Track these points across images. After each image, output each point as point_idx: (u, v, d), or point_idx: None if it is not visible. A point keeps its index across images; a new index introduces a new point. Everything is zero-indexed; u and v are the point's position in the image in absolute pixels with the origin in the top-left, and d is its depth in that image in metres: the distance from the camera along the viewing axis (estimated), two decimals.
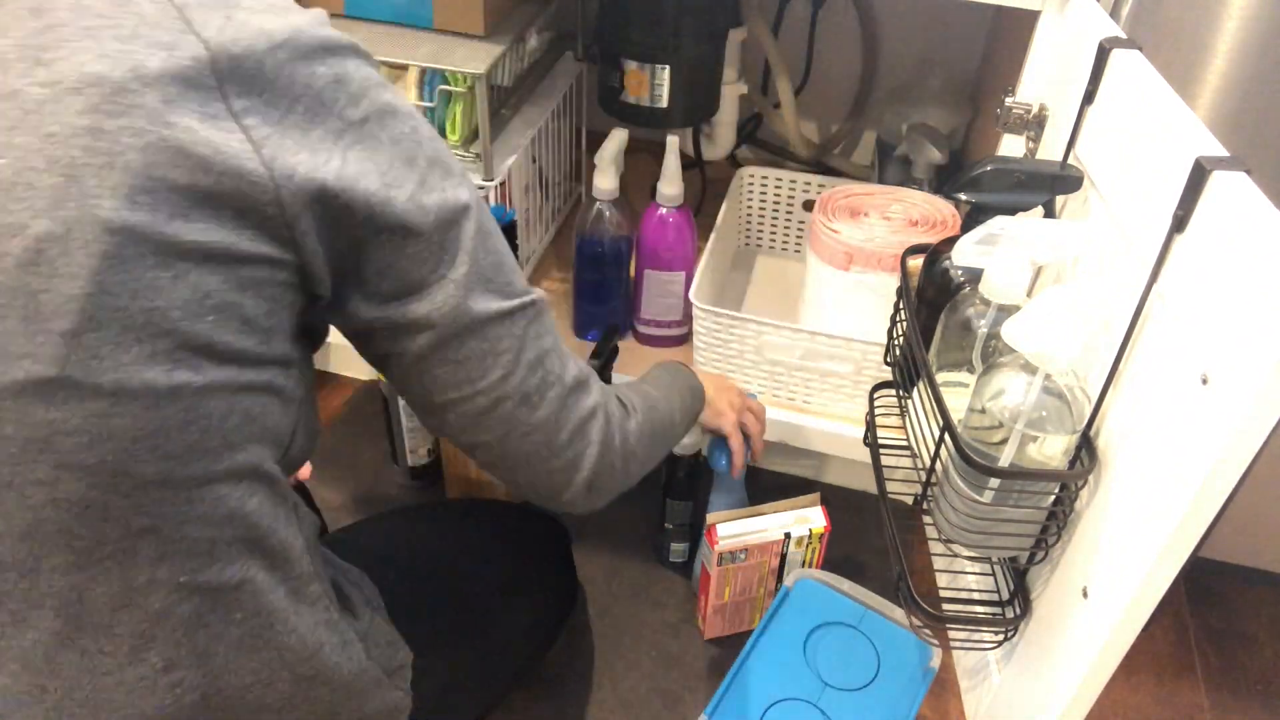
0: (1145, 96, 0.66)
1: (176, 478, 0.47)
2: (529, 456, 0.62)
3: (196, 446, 0.47)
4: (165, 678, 0.52)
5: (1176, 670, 1.05)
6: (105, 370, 0.43)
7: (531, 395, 0.60)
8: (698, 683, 0.99)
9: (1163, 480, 0.59)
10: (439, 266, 0.53)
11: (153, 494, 0.47)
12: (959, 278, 0.79)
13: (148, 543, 0.48)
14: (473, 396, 0.58)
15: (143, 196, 0.42)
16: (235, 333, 0.47)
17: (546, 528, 0.96)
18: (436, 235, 0.53)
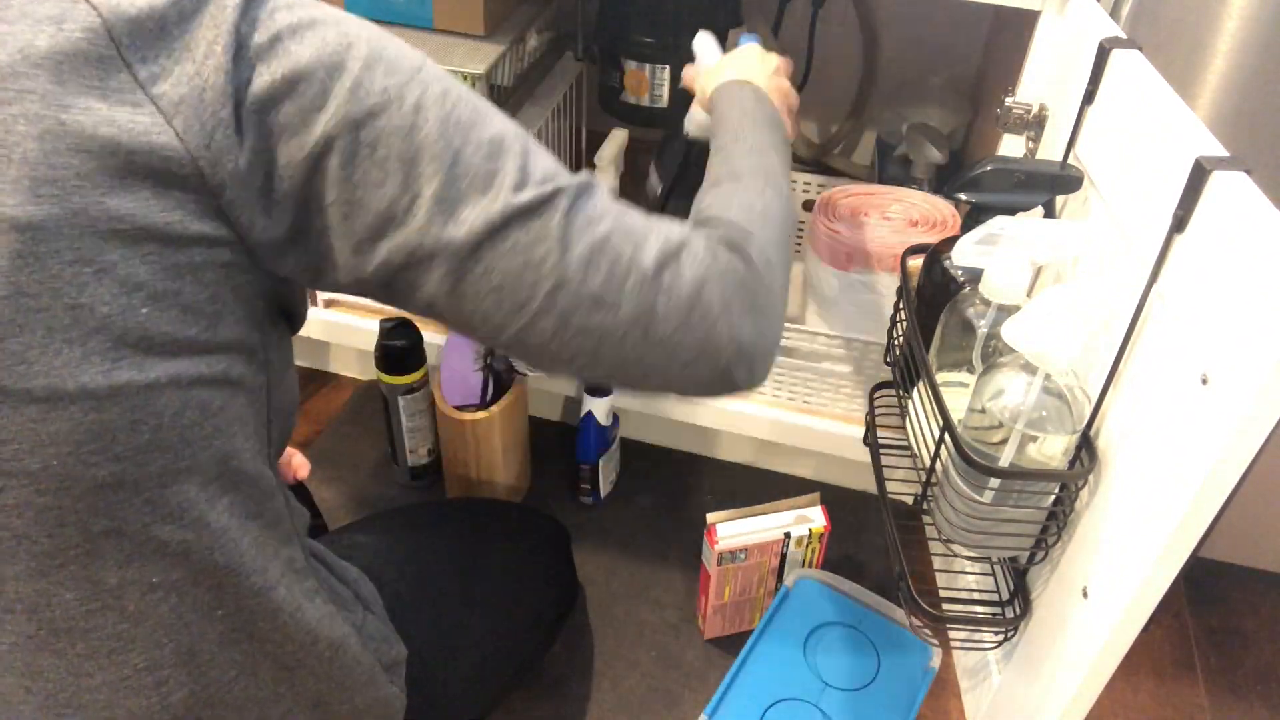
0: (1145, 96, 0.66)
1: (132, 479, 0.45)
2: (641, 361, 0.52)
3: (150, 446, 0.45)
4: (149, 677, 0.51)
5: (1176, 670, 1.05)
6: (35, 375, 0.41)
7: (603, 297, 0.49)
8: (698, 683, 0.99)
9: (1163, 480, 0.59)
10: (404, 181, 0.46)
11: (108, 496, 0.45)
12: (959, 278, 0.79)
13: (112, 545, 0.46)
14: (534, 321, 0.49)
15: (46, 188, 0.39)
16: (175, 322, 0.44)
17: (546, 527, 0.97)
18: (384, 145, 0.45)
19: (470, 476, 1.09)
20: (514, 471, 1.13)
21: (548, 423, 1.28)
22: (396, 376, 1.08)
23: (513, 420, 1.08)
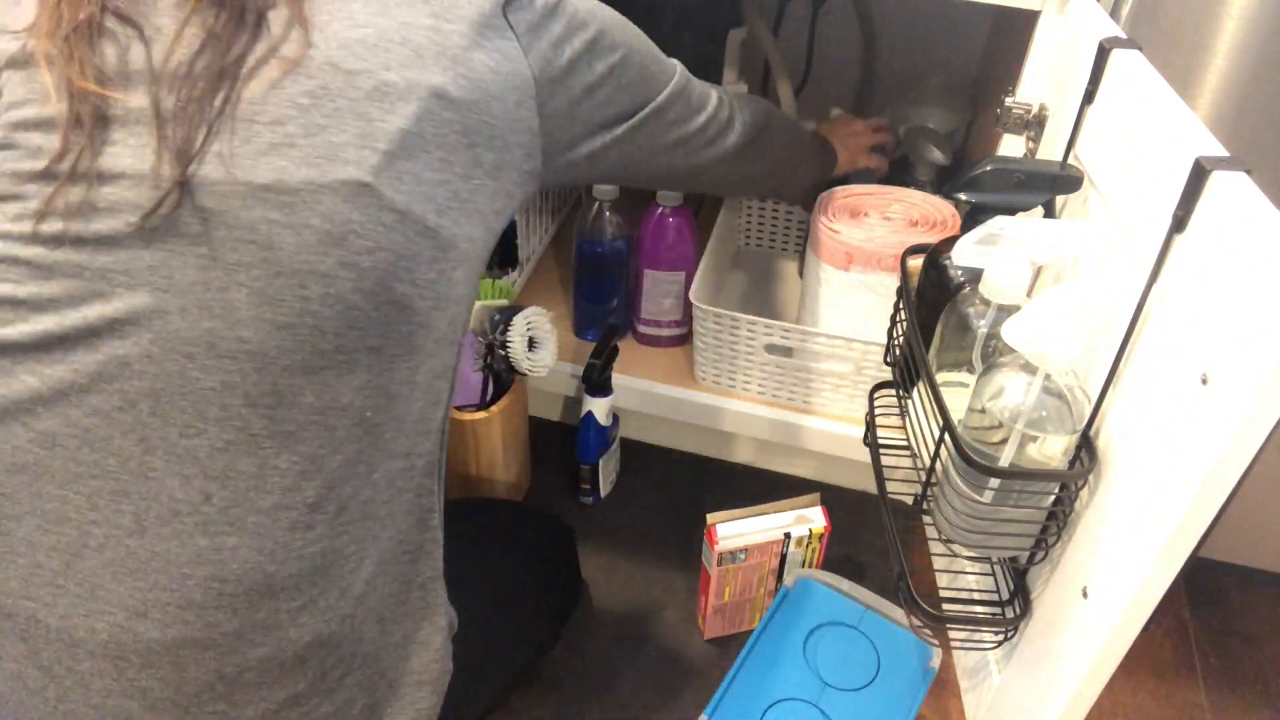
0: (1145, 96, 0.66)
1: (413, 307, 0.57)
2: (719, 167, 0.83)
3: (433, 284, 0.57)
4: (307, 516, 0.56)
5: (1176, 670, 1.05)
6: (400, 192, 0.54)
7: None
8: (698, 683, 0.99)
9: (1163, 480, 0.59)
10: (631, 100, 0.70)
11: (392, 315, 0.56)
12: (959, 278, 0.79)
13: (366, 363, 0.56)
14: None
15: (462, 80, 0.57)
16: (488, 199, 0.60)
17: (550, 527, 0.97)
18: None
19: (470, 476, 1.09)
20: (514, 471, 1.13)
21: (548, 423, 1.28)
22: None
23: (513, 420, 1.08)
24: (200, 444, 0.53)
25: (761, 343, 1.05)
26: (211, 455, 0.53)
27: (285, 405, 0.54)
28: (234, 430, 0.53)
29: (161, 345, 0.52)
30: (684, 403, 1.12)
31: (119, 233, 0.52)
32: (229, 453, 0.53)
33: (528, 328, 1.01)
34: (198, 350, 0.52)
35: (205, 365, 0.52)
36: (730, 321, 1.04)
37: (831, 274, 1.02)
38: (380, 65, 0.54)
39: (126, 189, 0.52)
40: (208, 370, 0.52)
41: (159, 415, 0.52)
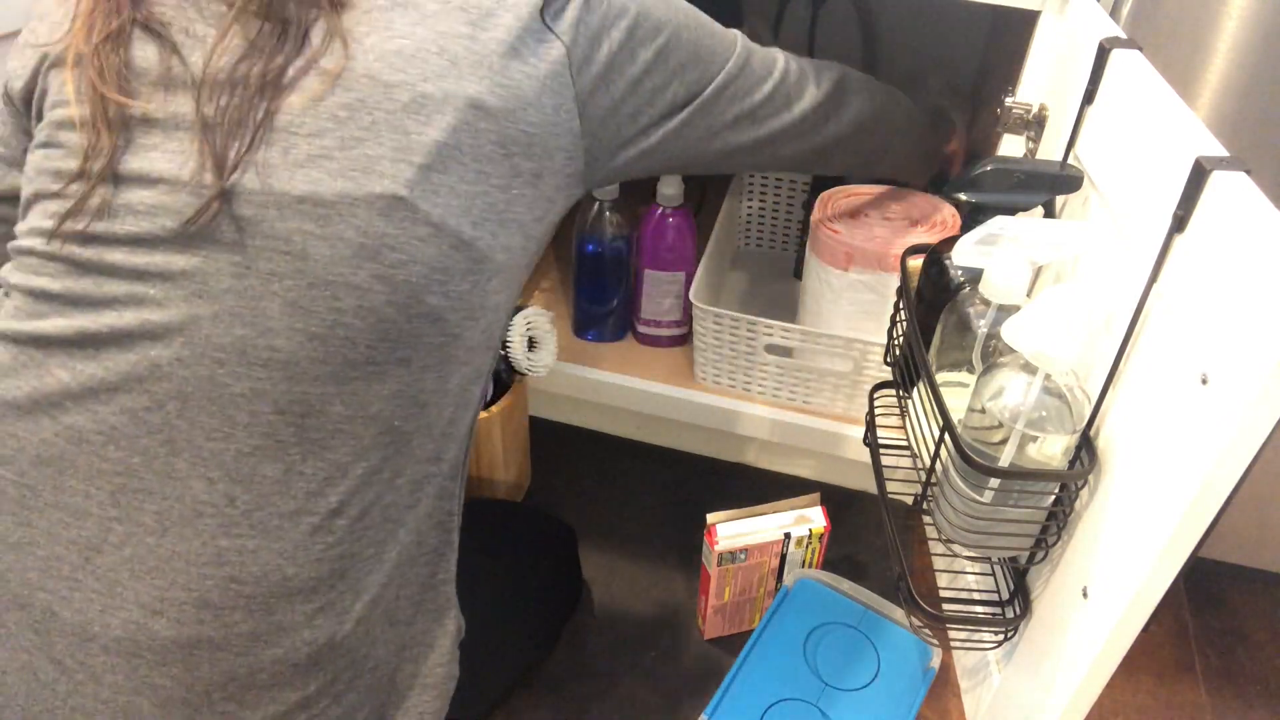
0: (1145, 96, 0.66)
1: (445, 319, 0.57)
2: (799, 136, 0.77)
3: (466, 296, 0.57)
4: (328, 521, 0.56)
5: (1176, 670, 1.05)
6: (436, 205, 0.55)
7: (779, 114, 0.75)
8: (698, 683, 0.99)
9: (1163, 480, 0.59)
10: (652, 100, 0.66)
11: (423, 326, 0.56)
12: (959, 278, 0.79)
13: (396, 373, 0.56)
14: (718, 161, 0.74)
15: (499, 89, 0.56)
16: (526, 209, 0.59)
17: (551, 527, 0.97)
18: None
19: (470, 476, 1.09)
20: (514, 471, 1.13)
21: (548, 423, 1.28)
22: None
23: (513, 420, 1.08)
24: (227, 448, 0.53)
25: (761, 343, 1.05)
26: (237, 459, 0.54)
27: (314, 414, 0.54)
28: (261, 436, 0.54)
29: (193, 349, 0.53)
30: (684, 403, 1.12)
31: (155, 236, 0.53)
32: (254, 457, 0.54)
33: (528, 328, 1.01)
34: (229, 356, 0.53)
35: (235, 372, 0.53)
36: (730, 321, 1.04)
37: (831, 274, 1.02)
38: (418, 76, 0.54)
39: (164, 193, 0.53)
40: (238, 377, 0.53)
41: (186, 418, 0.53)
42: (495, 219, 0.58)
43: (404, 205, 0.54)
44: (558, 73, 0.59)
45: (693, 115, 0.68)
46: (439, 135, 0.54)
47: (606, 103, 0.62)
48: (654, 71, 0.64)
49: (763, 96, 0.73)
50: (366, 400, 0.55)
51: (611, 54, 0.61)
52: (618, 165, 0.66)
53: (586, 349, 1.18)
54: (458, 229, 0.56)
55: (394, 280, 0.54)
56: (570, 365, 1.15)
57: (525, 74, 0.57)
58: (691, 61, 0.67)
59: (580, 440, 1.26)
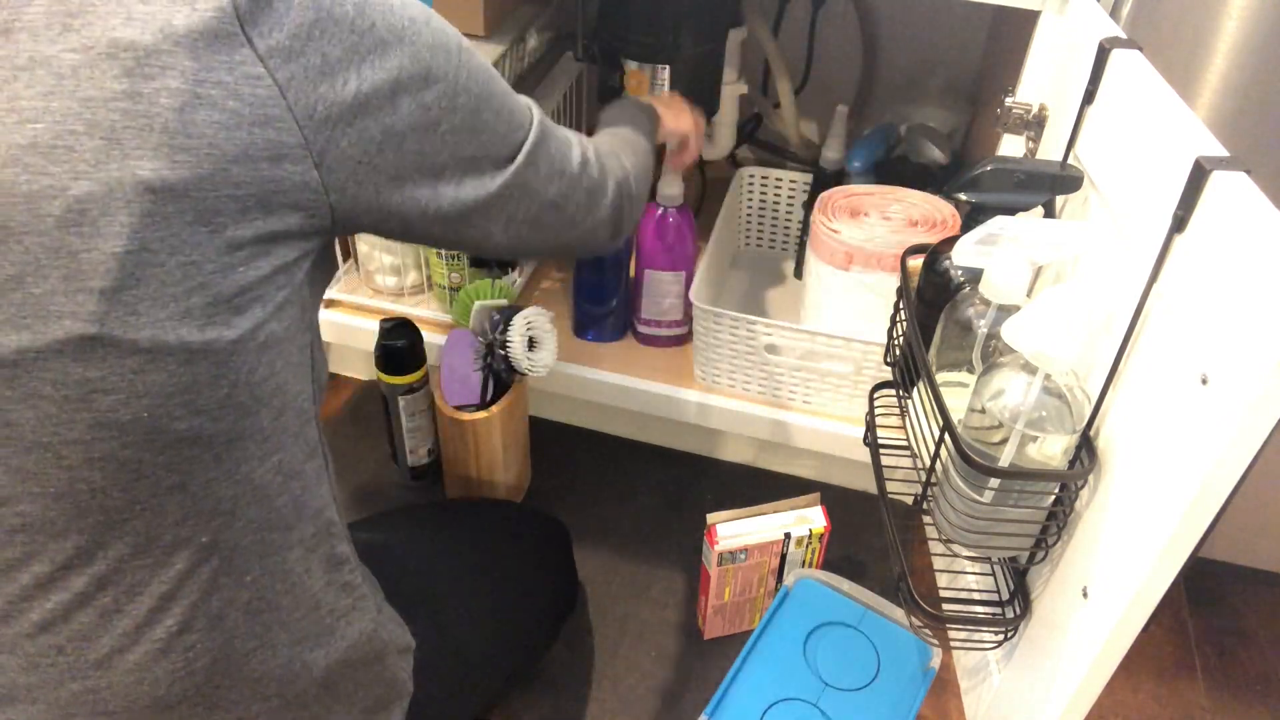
0: (1145, 96, 0.66)
1: (207, 435, 0.48)
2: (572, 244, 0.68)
3: (227, 401, 0.48)
4: (179, 640, 0.53)
5: (1176, 670, 1.05)
6: (143, 326, 0.44)
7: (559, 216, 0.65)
8: (698, 683, 0.99)
9: (1163, 480, 0.59)
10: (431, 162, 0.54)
11: (184, 451, 0.48)
12: (959, 278, 0.79)
13: (176, 501, 0.49)
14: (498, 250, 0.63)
15: (181, 155, 0.43)
16: (263, 284, 0.48)
17: (547, 527, 0.97)
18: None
19: (470, 476, 1.09)
20: (514, 471, 1.13)
21: (548, 423, 1.28)
22: (396, 376, 1.08)
23: (513, 420, 1.08)
24: (29, 607, 0.50)
25: (761, 343, 1.05)
26: (45, 616, 0.50)
27: (100, 560, 0.49)
28: (59, 592, 0.50)
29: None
30: (684, 403, 1.12)
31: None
32: (62, 609, 0.50)
33: (528, 328, 1.01)
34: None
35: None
36: (730, 321, 1.04)
37: (831, 274, 1.02)
38: (67, 175, 0.42)
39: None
40: (1, 544, 0.48)
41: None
42: (227, 309, 0.47)
43: (99, 342, 0.44)
44: (271, 117, 0.45)
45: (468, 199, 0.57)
46: (116, 245, 0.43)
47: (355, 152, 0.49)
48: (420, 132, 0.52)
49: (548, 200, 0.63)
50: (154, 534, 0.49)
51: (361, 94, 0.48)
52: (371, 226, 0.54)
53: (586, 349, 1.18)
54: (180, 341, 0.45)
55: (119, 423, 0.46)
56: (570, 365, 1.15)
57: (219, 124, 0.44)
58: (469, 133, 0.55)
59: (580, 440, 1.26)
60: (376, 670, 0.66)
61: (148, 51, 0.42)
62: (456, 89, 0.53)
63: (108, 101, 0.42)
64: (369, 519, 0.92)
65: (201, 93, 0.43)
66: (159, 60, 0.43)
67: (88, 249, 0.43)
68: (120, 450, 0.46)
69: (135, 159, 0.42)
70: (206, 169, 0.44)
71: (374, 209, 0.52)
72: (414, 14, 0.51)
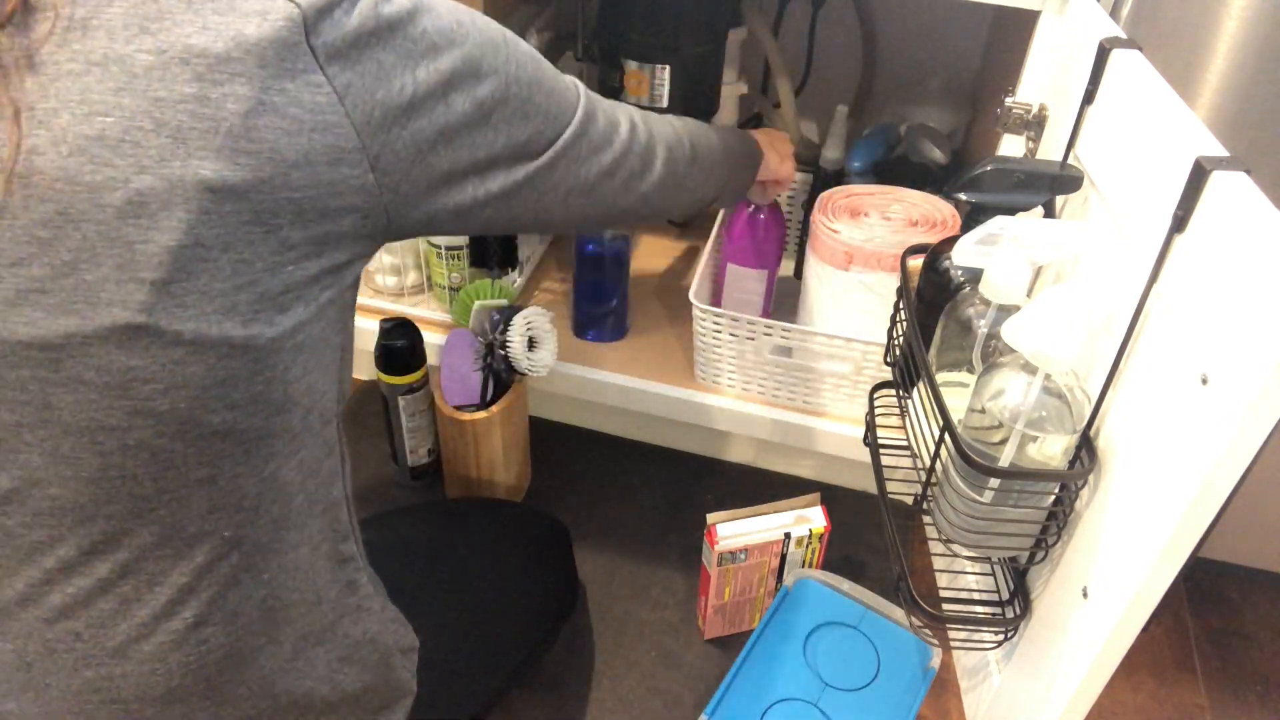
0: (1145, 96, 0.66)
1: (239, 429, 0.49)
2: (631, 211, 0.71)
3: (261, 397, 0.49)
4: (194, 634, 0.53)
5: (1176, 670, 1.05)
6: (188, 319, 0.46)
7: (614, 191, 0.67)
8: (698, 683, 0.99)
9: (1163, 480, 0.59)
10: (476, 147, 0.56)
11: (216, 444, 0.49)
12: (959, 278, 0.79)
13: (203, 493, 0.50)
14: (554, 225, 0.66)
15: (243, 158, 0.45)
16: (310, 285, 0.50)
17: (547, 527, 0.97)
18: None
19: (470, 476, 1.09)
20: (514, 471, 1.13)
21: (548, 423, 1.28)
22: (396, 376, 1.08)
23: (513, 420, 1.08)
24: (50, 591, 0.51)
25: (761, 343, 1.05)
26: (66, 600, 0.51)
27: (125, 548, 0.50)
28: (80, 576, 0.50)
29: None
30: (684, 403, 1.12)
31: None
32: (83, 595, 0.51)
33: (528, 328, 1.01)
34: (11, 508, 0.49)
35: (24, 521, 0.49)
36: (730, 321, 1.04)
37: (831, 274, 1.02)
38: (131, 168, 0.43)
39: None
40: (28, 526, 0.49)
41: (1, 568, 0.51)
42: (272, 307, 0.48)
43: (145, 332, 0.45)
44: (330, 122, 0.47)
45: (523, 184, 0.59)
46: (171, 239, 0.44)
47: (408, 153, 0.51)
48: (473, 124, 0.54)
49: (603, 168, 0.65)
50: (179, 525, 0.50)
51: (416, 96, 0.50)
52: (426, 221, 0.56)
53: (586, 349, 1.18)
54: (224, 336, 0.47)
55: (156, 412, 0.47)
56: (570, 365, 1.15)
57: (282, 130, 0.46)
58: (521, 118, 0.57)
59: (580, 440, 1.26)
60: (380, 671, 0.66)
61: (219, 58, 0.44)
62: (508, 80, 0.56)
63: (177, 103, 0.44)
64: (369, 519, 0.92)
65: (266, 100, 0.45)
66: (229, 67, 0.44)
67: (144, 240, 0.44)
68: (155, 439, 0.47)
69: (199, 159, 0.44)
70: (267, 172, 0.45)
71: (429, 204, 0.54)
72: (460, 16, 0.53)
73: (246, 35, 0.44)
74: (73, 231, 0.43)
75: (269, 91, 0.45)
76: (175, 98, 0.44)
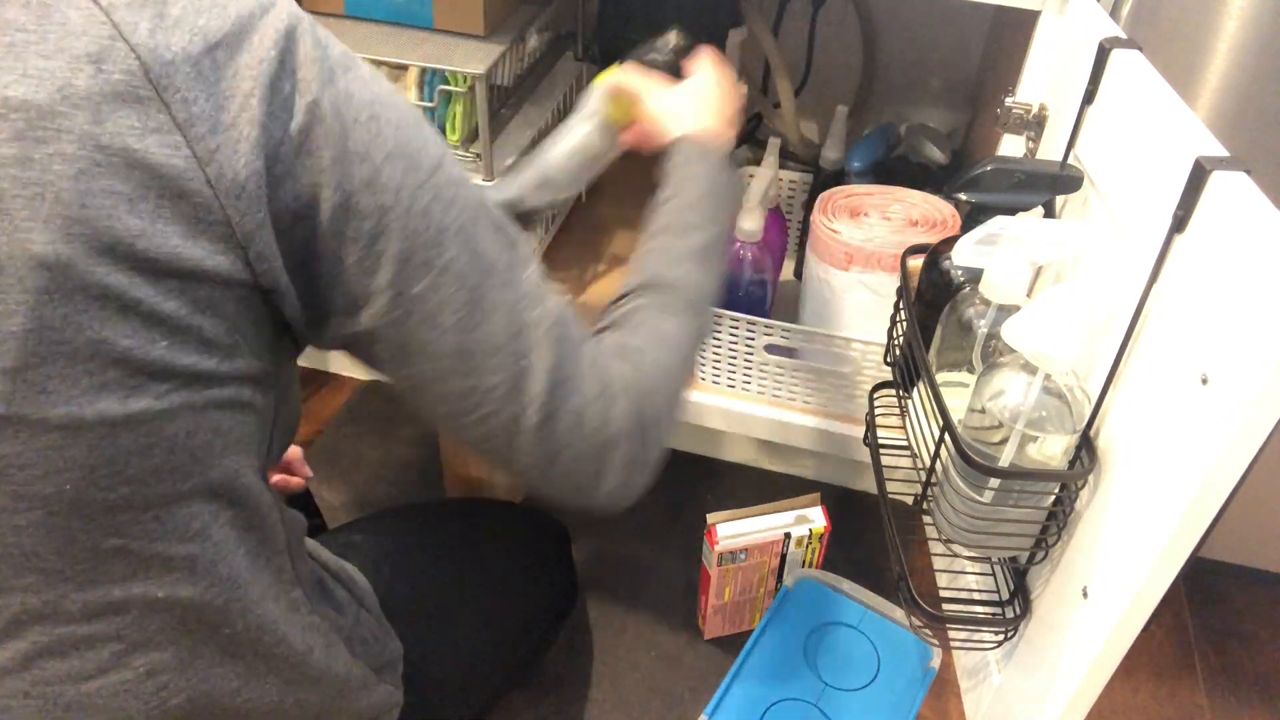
0: (1145, 96, 0.66)
1: (142, 500, 0.45)
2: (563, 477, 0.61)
3: (161, 468, 0.45)
4: (150, 682, 0.52)
5: (1176, 670, 1.05)
6: (55, 404, 0.41)
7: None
8: (698, 683, 0.99)
9: (1163, 480, 0.59)
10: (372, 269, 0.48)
11: (119, 517, 0.45)
12: (959, 278, 0.79)
13: (120, 561, 0.47)
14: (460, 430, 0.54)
15: (77, 227, 0.39)
16: (193, 354, 0.44)
17: (546, 527, 0.97)
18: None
19: (470, 476, 1.09)
20: None
21: None
22: None
23: None
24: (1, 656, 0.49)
25: (761, 343, 1.05)
26: (4, 664, 0.49)
27: (50, 619, 0.48)
28: (14, 641, 0.48)
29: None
30: (683, 403, 1.12)
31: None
32: (20, 660, 0.49)
33: None
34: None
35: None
36: (730, 321, 1.04)
37: (831, 274, 1.02)
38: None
39: None
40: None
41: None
42: (152, 379, 0.43)
43: (8, 422, 0.41)
44: (188, 190, 0.41)
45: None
46: (14, 324, 0.39)
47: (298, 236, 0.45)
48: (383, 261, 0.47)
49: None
50: (102, 592, 0.48)
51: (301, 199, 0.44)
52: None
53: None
54: (100, 417, 0.42)
55: (41, 495, 0.43)
56: None
57: (119, 193, 0.40)
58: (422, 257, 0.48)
59: None
60: (364, 695, 0.65)
61: (41, 112, 0.38)
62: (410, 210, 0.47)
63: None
64: (368, 519, 0.92)
65: (102, 160, 0.39)
66: (54, 123, 0.38)
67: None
68: (47, 519, 0.44)
69: (26, 232, 0.38)
70: (107, 241, 0.40)
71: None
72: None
73: (75, 86, 0.39)
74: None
75: (103, 150, 0.39)
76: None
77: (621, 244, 1.35)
